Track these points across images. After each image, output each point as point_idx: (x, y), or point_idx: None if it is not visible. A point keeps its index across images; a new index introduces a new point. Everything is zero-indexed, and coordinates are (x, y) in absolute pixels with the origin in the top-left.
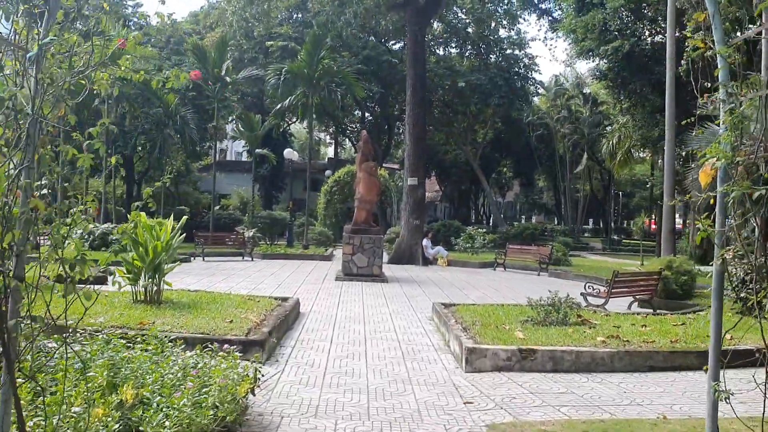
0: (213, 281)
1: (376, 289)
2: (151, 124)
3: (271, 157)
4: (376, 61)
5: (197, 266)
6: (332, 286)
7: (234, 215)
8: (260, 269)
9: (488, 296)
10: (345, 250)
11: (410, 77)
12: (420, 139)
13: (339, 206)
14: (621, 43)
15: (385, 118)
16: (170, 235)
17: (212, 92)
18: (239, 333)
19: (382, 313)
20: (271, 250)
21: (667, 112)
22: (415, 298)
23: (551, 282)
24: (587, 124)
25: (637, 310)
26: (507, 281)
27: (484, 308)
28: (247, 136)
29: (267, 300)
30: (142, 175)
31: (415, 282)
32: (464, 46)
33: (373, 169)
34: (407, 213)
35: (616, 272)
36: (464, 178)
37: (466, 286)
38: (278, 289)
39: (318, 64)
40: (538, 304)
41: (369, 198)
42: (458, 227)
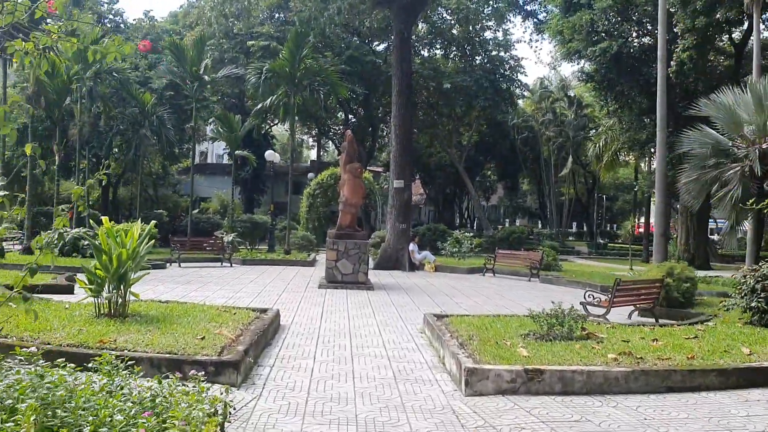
0: (188, 290)
1: (361, 297)
2: (126, 124)
3: (252, 158)
4: (360, 61)
5: (173, 273)
6: (315, 294)
7: (213, 219)
8: (239, 276)
9: (480, 305)
10: (329, 256)
11: (396, 77)
12: (406, 140)
13: (322, 210)
14: (609, 44)
15: (369, 120)
16: (137, 241)
17: (190, 91)
18: (211, 352)
19: (370, 325)
20: (251, 255)
21: (658, 113)
22: (403, 307)
23: (543, 288)
24: (572, 127)
25: (639, 320)
26: (498, 288)
27: (479, 320)
28: (226, 137)
29: (244, 312)
30: (118, 178)
31: (403, 289)
32: (449, 47)
33: (359, 170)
34: (393, 217)
35: (618, 280)
36: (449, 181)
37: (455, 293)
38: (257, 298)
39: (300, 63)
40: (540, 316)
41: (354, 201)
42: (444, 231)
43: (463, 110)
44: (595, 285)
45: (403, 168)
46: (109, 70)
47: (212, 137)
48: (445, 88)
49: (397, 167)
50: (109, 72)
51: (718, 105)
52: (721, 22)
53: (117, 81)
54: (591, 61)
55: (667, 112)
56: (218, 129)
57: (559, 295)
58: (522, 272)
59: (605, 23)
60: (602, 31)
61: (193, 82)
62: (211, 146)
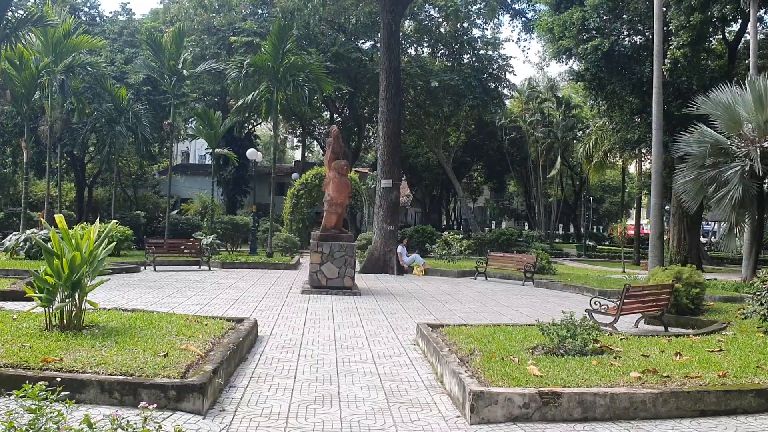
0: (160, 296)
1: (348, 303)
2: (101, 121)
3: (232, 157)
4: (346, 59)
5: (146, 277)
6: (298, 300)
7: (193, 221)
8: (217, 280)
9: (476, 312)
10: (312, 259)
11: (383, 71)
12: (394, 138)
13: (306, 211)
14: (600, 42)
15: (355, 120)
16: (94, 243)
17: (168, 87)
18: (174, 373)
19: (357, 336)
20: (231, 258)
21: (654, 111)
22: (393, 315)
23: (538, 293)
24: (561, 127)
25: (647, 329)
26: (492, 293)
27: (479, 330)
28: (206, 134)
29: (217, 322)
30: (94, 177)
31: (392, 294)
32: (436, 46)
33: (344, 168)
34: (380, 218)
35: (627, 286)
36: (435, 182)
37: (448, 299)
38: (235, 305)
39: (284, 57)
40: (550, 328)
41: (340, 201)
42: (432, 233)
43: (450, 110)
44: (593, 289)
45: (391, 167)
46: (82, 64)
47: (191, 134)
48: (433, 86)
49: (385, 166)
50: (82, 66)
51: (716, 102)
52: (716, 19)
53: (91, 76)
54: (582, 59)
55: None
56: (198, 126)
57: (556, 300)
58: (515, 276)
59: (596, 20)
60: (593, 29)
61: (171, 77)
62: (194, 146)
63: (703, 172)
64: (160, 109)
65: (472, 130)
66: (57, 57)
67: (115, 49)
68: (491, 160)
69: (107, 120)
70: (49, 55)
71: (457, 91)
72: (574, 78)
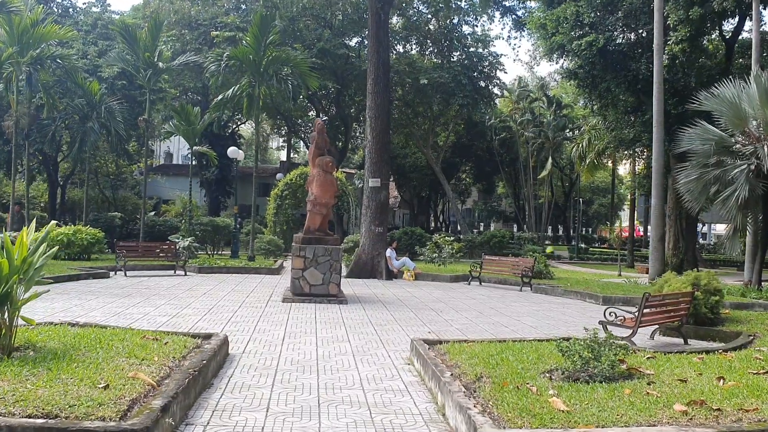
0: (125, 305)
1: (333, 313)
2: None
3: (212, 155)
4: (332, 55)
5: (115, 284)
6: (278, 310)
7: (171, 222)
8: (192, 287)
9: (475, 323)
10: (295, 264)
11: (372, 63)
12: (383, 134)
13: (291, 212)
14: (595, 38)
15: (342, 119)
16: (28, 249)
17: (144, 81)
18: (111, 412)
19: (343, 354)
20: (209, 262)
21: (654, 107)
22: (384, 326)
23: (538, 300)
24: (552, 127)
25: (664, 341)
26: (488, 300)
27: (483, 348)
28: (183, 131)
29: (180, 339)
30: (68, 177)
31: (381, 302)
32: (425, 43)
33: (329, 164)
34: (368, 219)
35: (647, 294)
36: (424, 183)
37: (442, 307)
38: (208, 315)
39: (266, 50)
40: (570, 348)
41: (324, 200)
42: (421, 235)
43: (440, 108)
44: (596, 295)
45: (379, 165)
46: (52, 56)
47: (168, 131)
48: (422, 84)
49: (373, 164)
50: (52, 58)
51: (720, 98)
52: (715, 13)
53: (61, 69)
54: (576, 56)
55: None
56: (176, 123)
57: (558, 307)
58: (511, 280)
59: (591, 16)
60: (587, 24)
61: (146, 70)
62: (176, 146)
63: (707, 171)
64: (136, 105)
65: (462, 130)
66: (23, 47)
67: (89, 41)
68: (480, 161)
69: (79, 116)
70: (14, 45)
71: (447, 89)
72: (567, 76)
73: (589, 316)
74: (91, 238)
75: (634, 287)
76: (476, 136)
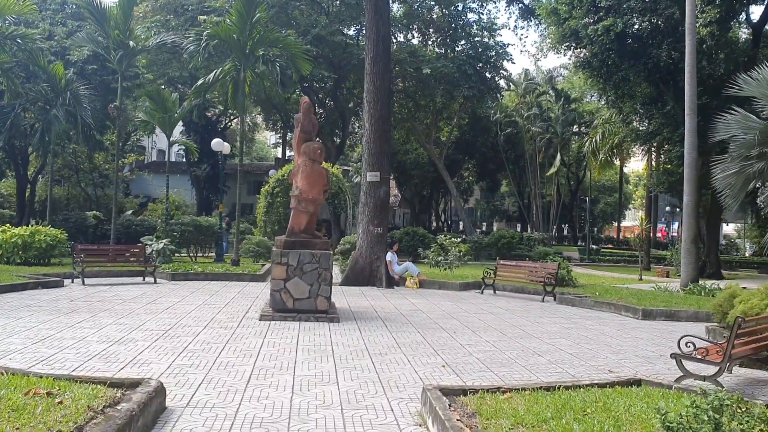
0: (60, 326)
1: (320, 337)
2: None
3: (192, 147)
4: (329, 43)
5: (65, 295)
6: (251, 332)
7: (150, 222)
8: (156, 299)
9: (498, 348)
10: (275, 273)
11: (370, 41)
12: (383, 122)
13: (282, 211)
14: (612, 22)
15: (340, 113)
16: None
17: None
18: None
19: (327, 406)
20: (185, 267)
21: (687, 93)
22: (384, 356)
23: (566, 313)
24: (560, 122)
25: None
26: (508, 314)
27: (529, 404)
28: (158, 118)
29: (88, 392)
30: (37, 171)
31: (381, 319)
32: (427, 32)
33: (318, 152)
34: (366, 218)
35: (740, 318)
36: (426, 181)
37: (456, 326)
38: (160, 341)
39: (252, 29)
40: (684, 424)
41: (311, 195)
42: (424, 236)
43: (443, 101)
44: (634, 308)
45: (378, 157)
46: (11, 35)
47: (144, 120)
48: (425, 74)
49: (372, 156)
50: (11, 38)
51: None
52: None
53: (23, 50)
54: (591, 43)
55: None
56: (150, 110)
57: (593, 324)
58: (528, 289)
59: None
60: (604, 8)
61: (117, 51)
62: None
63: (749, 164)
64: (110, 92)
65: (465, 125)
66: None
67: (57, 21)
68: (484, 158)
69: (42, 102)
70: None
71: (451, 80)
72: (580, 65)
73: (634, 336)
74: (51, 239)
75: (669, 296)
76: (480, 132)
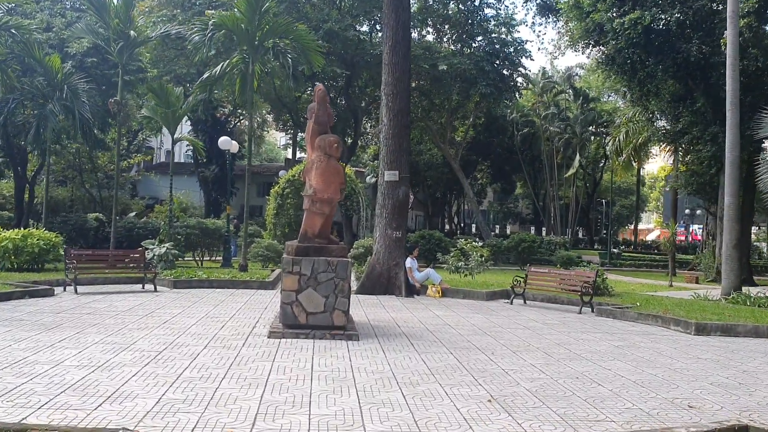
0: (39, 345)
1: (338, 360)
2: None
3: (198, 145)
4: (341, 38)
5: (53, 305)
6: (259, 353)
7: (154, 225)
8: (154, 310)
9: (547, 373)
10: (286, 284)
11: (389, 27)
12: (402, 116)
13: (293, 213)
14: (640, 15)
15: (352, 112)
16: None
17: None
18: None
19: None
20: (188, 273)
21: (729, 87)
22: (416, 387)
23: (610, 328)
24: (579, 121)
25: None
26: (547, 329)
27: None
28: (161, 114)
29: None
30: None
31: (405, 336)
32: (442, 28)
33: (335, 146)
34: (384, 221)
35: None
36: (440, 182)
37: (492, 344)
38: (150, 366)
39: (261, 19)
40: None
41: (327, 195)
42: (440, 239)
43: (458, 100)
44: (684, 321)
45: (397, 154)
46: (5, 25)
47: (146, 116)
48: (441, 70)
49: (390, 153)
50: (5, 28)
51: None
52: None
53: (19, 42)
54: (617, 37)
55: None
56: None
57: (645, 341)
58: (561, 298)
59: None
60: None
61: (117, 42)
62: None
63: None
64: (111, 87)
65: (480, 125)
66: None
67: (55, 12)
68: (499, 159)
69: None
70: None
71: (467, 77)
72: (603, 62)
73: (695, 356)
74: (44, 243)
75: (716, 307)
76: (495, 132)
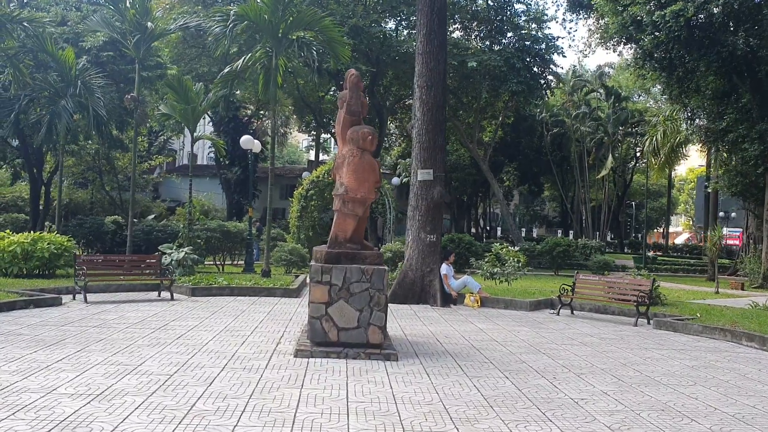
0: (34, 367)
1: (377, 388)
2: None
3: (220, 144)
4: (366, 34)
5: (60, 317)
6: (284, 377)
7: (173, 228)
8: (169, 322)
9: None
10: (314, 295)
11: (423, 14)
12: (437, 110)
13: (317, 215)
14: (683, 6)
15: (377, 111)
16: None
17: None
18: None
19: None
20: (207, 280)
21: None
22: (474, 424)
23: (674, 343)
24: (612, 121)
25: None
26: (606, 345)
27: None
28: (180, 111)
29: None
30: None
31: (450, 356)
32: (470, 24)
33: (369, 138)
34: (417, 224)
35: None
36: (467, 184)
37: (550, 365)
38: (157, 394)
39: (285, 10)
40: None
41: (361, 194)
42: (470, 243)
43: (488, 98)
44: (757, 336)
45: (432, 151)
46: (17, 18)
47: (164, 114)
48: (470, 67)
49: (424, 150)
50: (17, 21)
51: None
52: None
53: (30, 36)
54: (656, 30)
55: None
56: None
57: (720, 359)
58: (612, 308)
59: None
60: None
61: (133, 34)
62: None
63: None
64: (128, 83)
65: (509, 125)
66: None
67: (70, 5)
68: (527, 160)
69: (51, 93)
70: None
71: (497, 75)
72: (641, 57)
73: None
74: (55, 248)
75: None
76: (524, 133)
